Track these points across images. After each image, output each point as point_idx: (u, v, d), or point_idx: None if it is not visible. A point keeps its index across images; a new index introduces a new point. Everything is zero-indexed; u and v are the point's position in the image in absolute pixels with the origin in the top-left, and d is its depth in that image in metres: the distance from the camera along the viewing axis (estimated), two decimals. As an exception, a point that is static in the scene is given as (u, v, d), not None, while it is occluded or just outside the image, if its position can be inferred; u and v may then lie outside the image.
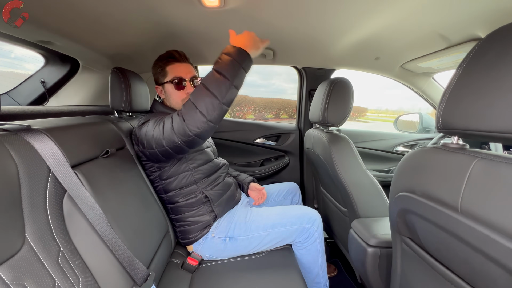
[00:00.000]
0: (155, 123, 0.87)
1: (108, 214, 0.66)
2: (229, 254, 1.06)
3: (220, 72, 0.76)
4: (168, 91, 1.03)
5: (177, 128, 0.80)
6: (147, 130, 0.88)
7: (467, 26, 0.95)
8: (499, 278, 0.40)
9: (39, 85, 1.23)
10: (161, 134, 0.84)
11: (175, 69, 1.02)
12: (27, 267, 0.46)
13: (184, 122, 0.78)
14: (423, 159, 0.57)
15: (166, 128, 0.82)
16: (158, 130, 0.85)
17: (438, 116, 0.53)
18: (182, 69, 1.02)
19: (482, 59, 0.45)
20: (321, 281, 1.13)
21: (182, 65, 1.03)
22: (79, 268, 0.57)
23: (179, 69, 1.02)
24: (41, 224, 0.51)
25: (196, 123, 0.77)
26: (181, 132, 0.80)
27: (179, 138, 0.81)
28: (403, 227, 0.66)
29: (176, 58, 1.02)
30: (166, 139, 0.83)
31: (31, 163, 0.52)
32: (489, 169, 0.42)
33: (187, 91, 1.02)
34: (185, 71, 1.02)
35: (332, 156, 1.07)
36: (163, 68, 1.02)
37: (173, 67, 1.02)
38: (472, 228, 0.43)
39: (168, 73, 1.02)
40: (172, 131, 0.81)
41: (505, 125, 0.40)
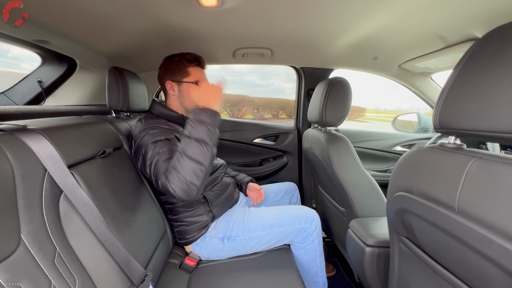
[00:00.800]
0: (154, 155, 0.83)
1: (105, 214, 0.65)
2: (227, 254, 1.06)
3: (199, 139, 0.78)
4: (186, 90, 1.03)
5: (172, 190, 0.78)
6: (145, 154, 0.85)
7: (464, 26, 0.96)
8: (495, 277, 0.40)
9: (36, 84, 1.22)
10: (154, 177, 0.82)
11: (197, 72, 1.05)
12: (22, 268, 0.46)
13: (176, 193, 0.77)
14: (420, 159, 0.58)
15: (161, 182, 0.79)
16: (153, 170, 0.82)
17: (435, 116, 0.53)
18: (203, 75, 1.07)
19: (479, 59, 0.45)
20: (319, 281, 1.13)
21: (203, 72, 1.08)
22: (76, 268, 0.56)
23: (202, 74, 1.06)
24: (36, 225, 0.51)
25: (192, 193, 0.78)
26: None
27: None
28: (401, 227, 0.66)
29: (201, 64, 1.07)
30: (160, 187, 0.81)
31: (26, 163, 0.52)
32: (486, 169, 0.42)
33: None
34: (204, 77, 1.07)
35: (330, 156, 1.07)
36: (186, 67, 1.03)
37: (196, 70, 1.04)
38: (468, 228, 0.43)
39: (191, 74, 1.03)
40: (166, 188, 0.78)
41: (502, 125, 0.40)
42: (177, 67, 1.03)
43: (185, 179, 0.75)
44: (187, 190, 0.76)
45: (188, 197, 0.78)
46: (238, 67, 11.30)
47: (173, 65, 1.04)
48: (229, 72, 11.62)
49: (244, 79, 11.60)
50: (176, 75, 1.03)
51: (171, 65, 1.04)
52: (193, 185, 0.76)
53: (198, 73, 1.05)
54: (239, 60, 1.46)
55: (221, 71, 1.70)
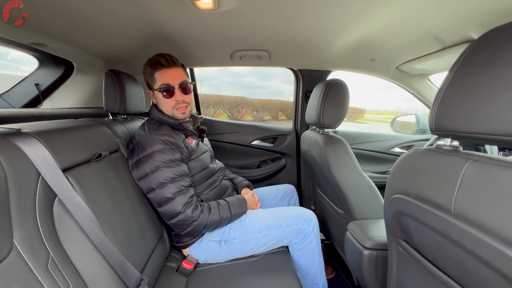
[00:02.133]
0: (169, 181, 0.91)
1: (101, 218, 0.65)
2: (224, 257, 1.05)
3: (234, 217, 1.03)
4: (158, 97, 1.01)
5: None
6: (157, 175, 0.91)
7: (461, 28, 0.96)
8: (492, 281, 0.40)
9: (33, 87, 1.22)
10: (161, 203, 0.93)
11: (162, 75, 0.97)
12: (14, 273, 0.45)
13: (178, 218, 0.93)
14: (417, 161, 0.57)
15: (173, 209, 0.92)
16: (160, 199, 0.92)
17: (431, 118, 0.52)
18: (170, 75, 0.98)
19: (473, 61, 0.45)
20: (319, 282, 1.12)
21: (170, 71, 0.98)
22: (69, 273, 0.56)
23: (167, 75, 0.97)
24: (29, 229, 0.51)
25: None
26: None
27: None
28: (398, 230, 0.66)
29: (162, 64, 0.97)
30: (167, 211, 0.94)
31: (19, 167, 0.51)
32: (482, 171, 0.42)
33: (176, 98, 0.99)
34: (173, 76, 0.98)
35: (328, 158, 1.07)
36: (152, 74, 0.99)
37: (160, 74, 0.97)
38: (465, 231, 0.42)
39: (156, 80, 0.98)
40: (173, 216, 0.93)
41: (497, 127, 0.40)
42: (146, 75, 1.02)
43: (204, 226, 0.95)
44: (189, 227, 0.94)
45: (180, 228, 0.96)
46: (237, 69, 11.35)
47: (144, 74, 1.02)
48: (228, 74, 11.64)
49: (244, 80, 11.62)
50: (149, 84, 1.02)
51: (144, 75, 1.03)
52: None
53: (164, 75, 0.98)
54: (237, 62, 1.46)
55: (220, 73, 1.69)
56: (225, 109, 12.66)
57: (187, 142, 1.02)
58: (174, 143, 0.95)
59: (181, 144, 0.97)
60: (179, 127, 1.01)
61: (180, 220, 0.92)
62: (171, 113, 1.01)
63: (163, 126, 0.99)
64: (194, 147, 1.04)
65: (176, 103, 1.00)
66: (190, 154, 1.02)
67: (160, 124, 1.00)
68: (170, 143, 0.94)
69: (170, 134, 0.96)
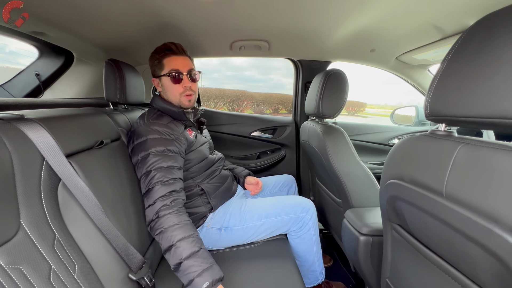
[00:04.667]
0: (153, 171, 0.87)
1: (103, 203, 0.67)
2: (224, 244, 1.08)
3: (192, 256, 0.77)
4: (165, 84, 1.02)
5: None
6: (147, 162, 0.88)
7: (460, 17, 0.95)
8: (480, 259, 0.42)
9: (33, 77, 1.23)
10: (145, 188, 0.87)
11: (172, 61, 1.00)
12: (22, 252, 0.47)
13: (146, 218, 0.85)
14: (412, 147, 0.59)
15: (148, 202, 0.85)
16: (147, 184, 0.86)
17: (426, 104, 0.53)
18: (179, 62, 1.00)
19: (467, 48, 0.46)
20: (317, 269, 1.15)
21: (179, 58, 1.01)
22: (75, 254, 0.58)
23: (176, 62, 1.00)
24: (35, 211, 0.52)
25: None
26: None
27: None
28: (393, 214, 0.68)
29: (173, 51, 1.00)
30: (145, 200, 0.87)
31: (24, 151, 0.53)
32: (472, 153, 0.43)
33: (184, 84, 1.01)
34: (182, 64, 1.01)
35: (326, 147, 1.08)
36: (160, 60, 1.00)
37: (170, 60, 1.00)
38: (455, 211, 0.44)
39: (165, 66, 1.00)
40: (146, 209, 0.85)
41: (489, 110, 0.41)
42: (153, 62, 1.02)
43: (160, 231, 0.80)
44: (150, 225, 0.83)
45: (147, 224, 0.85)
46: (237, 62, 11.17)
47: (151, 62, 1.03)
48: (229, 67, 11.56)
49: (244, 74, 11.60)
50: (155, 71, 1.03)
51: (151, 63, 1.04)
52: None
53: (173, 61, 1.00)
54: (236, 52, 1.45)
55: (221, 66, 1.66)
56: (225, 102, 12.62)
57: (186, 133, 1.02)
58: (171, 133, 0.94)
59: (179, 136, 0.96)
60: (181, 116, 1.01)
61: (148, 211, 0.84)
62: (178, 99, 1.02)
63: (164, 116, 0.99)
64: (192, 139, 1.04)
65: (184, 89, 1.01)
66: (190, 145, 1.03)
67: (161, 114, 1.01)
68: (167, 134, 0.93)
69: (169, 125, 0.96)
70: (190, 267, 0.73)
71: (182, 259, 0.74)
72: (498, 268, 0.39)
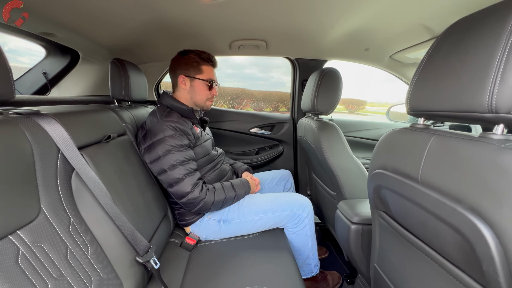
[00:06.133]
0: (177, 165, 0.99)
1: (112, 192, 0.72)
2: (223, 235, 1.13)
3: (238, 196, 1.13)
4: (197, 86, 1.12)
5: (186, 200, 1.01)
6: (168, 159, 0.99)
7: (448, 17, 1.00)
8: (446, 235, 0.47)
9: (41, 76, 1.28)
10: (173, 183, 1.00)
11: (210, 72, 1.15)
12: (43, 232, 0.53)
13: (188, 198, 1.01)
14: (394, 139, 0.64)
15: (182, 191, 1.00)
16: (171, 180, 1.00)
17: (407, 100, 0.59)
18: (214, 73, 1.18)
19: (441, 48, 0.51)
20: (311, 263, 1.20)
21: (214, 70, 1.18)
22: (88, 237, 0.64)
23: (213, 72, 1.17)
24: (53, 197, 0.58)
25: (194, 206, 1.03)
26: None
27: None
28: (379, 202, 0.73)
29: (213, 62, 1.16)
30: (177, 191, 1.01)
31: (42, 143, 0.58)
32: (443, 143, 0.49)
33: (213, 93, 1.17)
34: (215, 75, 1.18)
35: (321, 142, 1.14)
36: (199, 64, 1.12)
37: (209, 69, 1.14)
38: (428, 195, 0.50)
39: (204, 72, 1.13)
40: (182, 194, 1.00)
41: (455, 105, 0.46)
42: (191, 63, 1.11)
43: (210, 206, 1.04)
44: (197, 206, 1.02)
45: (190, 207, 1.03)
46: (238, 60, 11.18)
47: (188, 61, 1.11)
48: (229, 65, 11.57)
49: (244, 72, 11.63)
50: (190, 71, 1.11)
51: (186, 61, 1.11)
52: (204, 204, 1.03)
53: (210, 72, 1.15)
54: (235, 51, 1.51)
55: (221, 64, 1.75)
56: (225, 100, 12.60)
57: (194, 129, 1.10)
58: (183, 129, 1.03)
59: (189, 131, 1.05)
60: (189, 114, 1.10)
61: (190, 199, 1.00)
62: (203, 102, 1.16)
63: (174, 113, 1.07)
64: (198, 135, 1.12)
65: (212, 96, 1.17)
66: (196, 141, 1.10)
67: (171, 111, 1.08)
68: (180, 130, 1.02)
69: (180, 122, 1.04)
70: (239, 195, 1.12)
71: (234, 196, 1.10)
72: (461, 242, 0.44)
